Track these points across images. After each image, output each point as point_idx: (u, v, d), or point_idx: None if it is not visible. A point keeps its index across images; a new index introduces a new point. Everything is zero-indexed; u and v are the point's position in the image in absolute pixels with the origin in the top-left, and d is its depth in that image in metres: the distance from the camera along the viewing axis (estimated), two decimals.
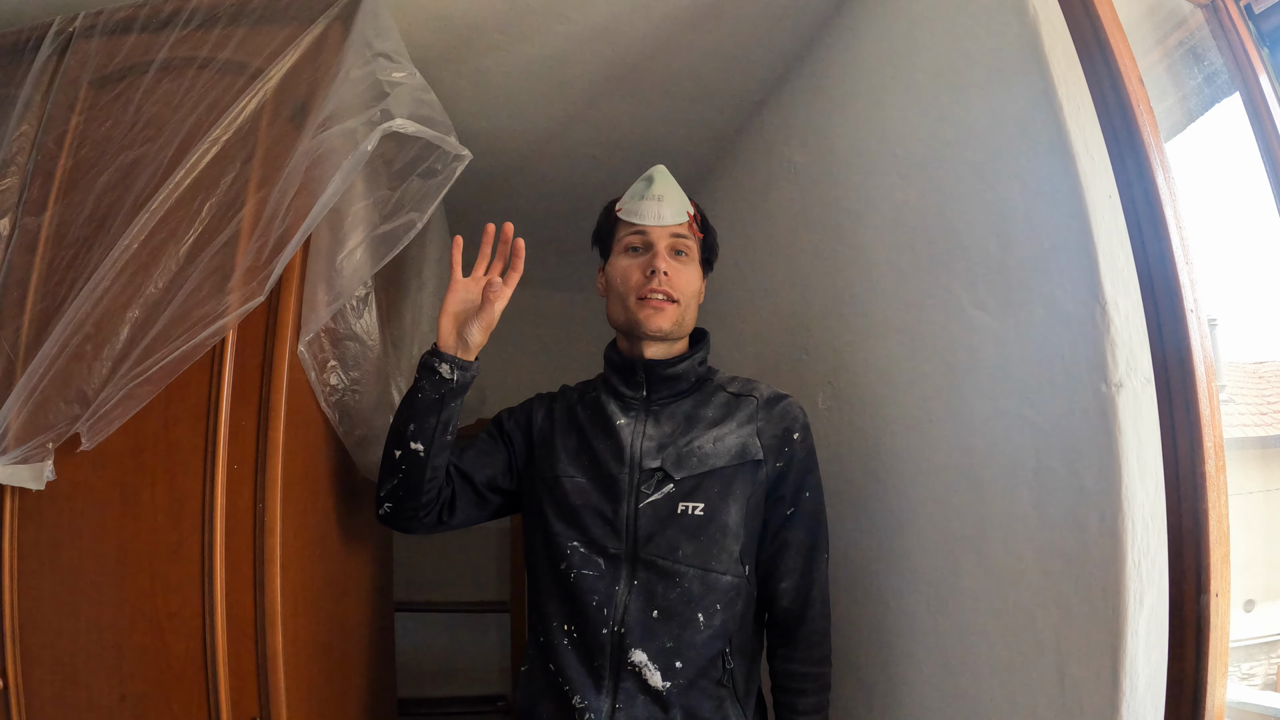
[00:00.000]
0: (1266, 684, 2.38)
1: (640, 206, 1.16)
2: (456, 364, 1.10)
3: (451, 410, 1.11)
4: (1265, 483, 1.98)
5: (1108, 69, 0.85)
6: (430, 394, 1.09)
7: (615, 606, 1.05)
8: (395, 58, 1.17)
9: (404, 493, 1.12)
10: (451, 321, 1.11)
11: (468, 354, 1.11)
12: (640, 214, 1.16)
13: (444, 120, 1.15)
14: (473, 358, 1.12)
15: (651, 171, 1.21)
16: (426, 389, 1.09)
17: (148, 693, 1.03)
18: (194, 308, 1.07)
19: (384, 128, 1.07)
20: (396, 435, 1.11)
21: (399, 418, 1.11)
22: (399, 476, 1.11)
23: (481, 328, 1.11)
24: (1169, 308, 0.78)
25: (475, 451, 1.20)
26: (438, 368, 1.09)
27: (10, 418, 1.05)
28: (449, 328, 1.11)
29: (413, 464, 1.09)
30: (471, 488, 1.18)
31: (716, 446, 1.11)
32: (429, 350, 1.11)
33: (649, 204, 1.16)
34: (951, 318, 1.14)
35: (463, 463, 1.18)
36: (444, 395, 1.09)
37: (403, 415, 1.11)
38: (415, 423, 1.09)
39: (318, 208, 1.08)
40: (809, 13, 1.50)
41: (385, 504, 1.14)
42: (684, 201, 1.19)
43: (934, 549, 1.16)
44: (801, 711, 1.10)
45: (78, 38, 1.26)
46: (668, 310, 1.14)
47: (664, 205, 1.16)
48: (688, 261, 1.18)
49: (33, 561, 1.06)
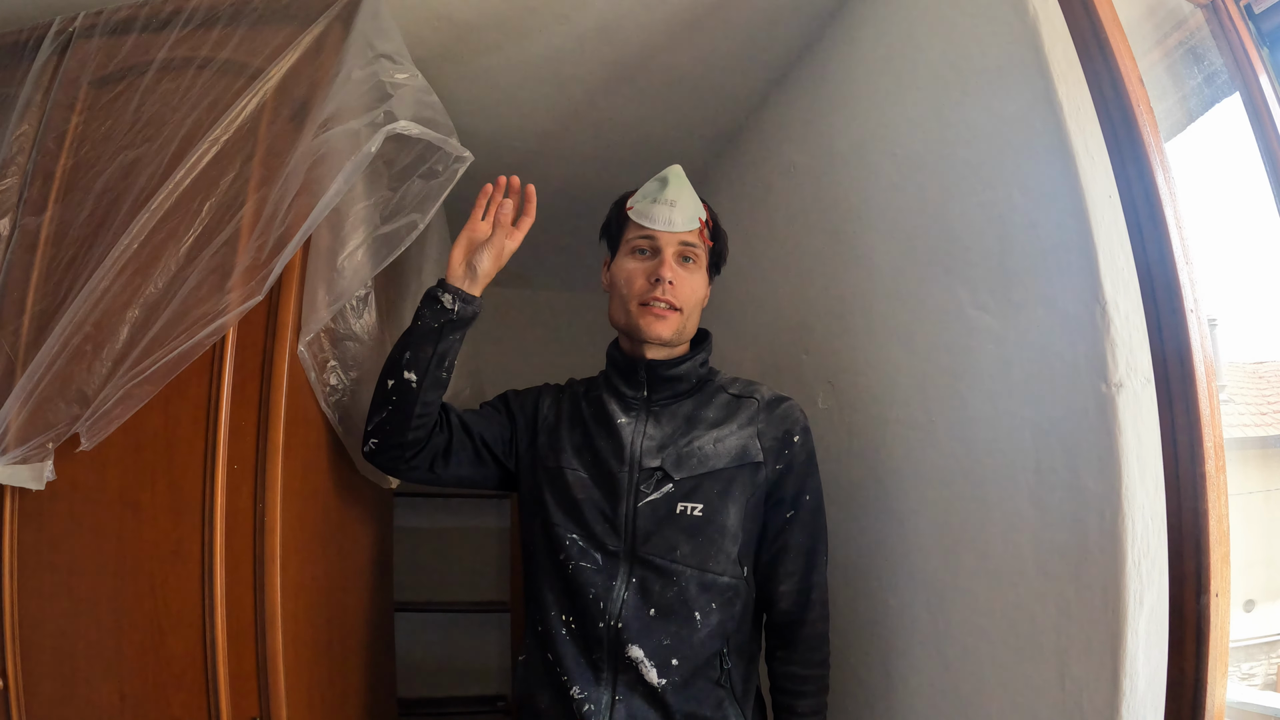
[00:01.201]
0: (1266, 684, 2.38)
1: (652, 209, 1.14)
2: (460, 295, 1.09)
3: (449, 343, 1.10)
4: (1265, 483, 1.98)
5: (1108, 69, 0.85)
6: (429, 322, 1.08)
7: (613, 602, 1.05)
8: (397, 59, 1.17)
9: (391, 426, 1.09)
10: (462, 252, 1.10)
11: (474, 286, 1.10)
12: (651, 217, 1.14)
13: (446, 122, 1.15)
14: (478, 291, 1.11)
15: (667, 172, 1.18)
16: (426, 316, 1.08)
17: (148, 693, 1.03)
18: (193, 307, 1.07)
19: (387, 130, 1.08)
20: (390, 364, 1.10)
21: (396, 347, 1.10)
22: (389, 408, 1.09)
23: (492, 255, 1.10)
24: (1169, 308, 0.78)
25: (478, 414, 1.19)
26: (440, 297, 1.08)
27: (10, 418, 1.05)
28: (459, 257, 1.10)
29: (404, 394, 1.08)
30: (472, 442, 1.16)
31: (717, 448, 1.11)
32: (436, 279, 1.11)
33: (661, 208, 1.14)
34: (951, 318, 1.14)
35: (465, 416, 1.17)
36: (443, 326, 1.08)
37: (400, 345, 1.10)
38: (411, 350, 1.08)
39: (319, 208, 1.08)
40: (809, 13, 1.50)
41: (372, 439, 1.12)
42: (697, 207, 1.16)
43: (934, 549, 1.16)
44: (800, 713, 1.10)
45: (78, 38, 1.26)
46: (669, 319, 1.13)
47: (676, 211, 1.14)
48: (694, 269, 1.16)
49: (33, 561, 1.06)
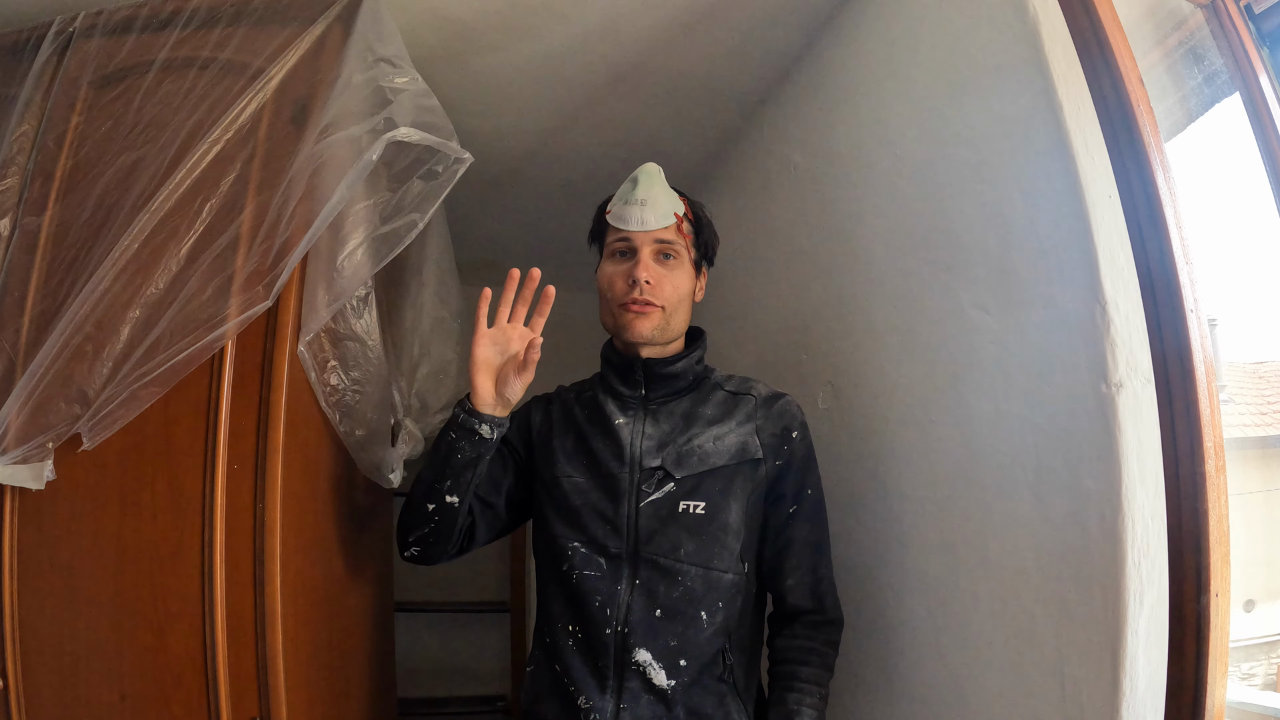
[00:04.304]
0: (1266, 684, 2.38)
1: (625, 211, 1.14)
2: (495, 423, 1.08)
3: (485, 461, 1.10)
4: (1265, 483, 1.98)
5: (1108, 69, 0.85)
6: (469, 454, 1.07)
7: (618, 606, 1.05)
8: (397, 62, 1.17)
9: (435, 539, 1.11)
10: (487, 378, 1.07)
11: (505, 410, 1.09)
12: (624, 219, 1.13)
13: (446, 125, 1.15)
14: (507, 411, 1.10)
15: (637, 173, 1.17)
16: (465, 449, 1.07)
17: (148, 693, 1.03)
18: (197, 310, 1.07)
19: (388, 136, 1.08)
20: (428, 489, 1.09)
21: (432, 472, 1.09)
22: (431, 525, 1.10)
23: (523, 385, 1.08)
24: (1169, 308, 0.78)
25: (487, 476, 1.18)
26: (477, 429, 1.07)
27: (10, 417, 1.05)
28: (486, 386, 1.07)
29: (446, 514, 1.09)
30: (491, 512, 1.18)
31: (716, 445, 1.11)
32: (464, 407, 1.08)
33: (633, 209, 1.13)
34: (951, 318, 1.14)
35: (480, 489, 1.16)
36: (482, 453, 1.08)
37: (437, 471, 1.08)
38: (452, 479, 1.08)
39: (323, 215, 1.08)
40: (809, 13, 1.50)
41: (413, 548, 1.13)
42: (671, 202, 1.15)
43: (934, 549, 1.16)
44: (803, 680, 1.07)
45: (78, 38, 1.26)
46: (651, 315, 1.12)
47: (647, 210, 1.13)
48: (675, 265, 1.14)
49: (33, 561, 1.06)
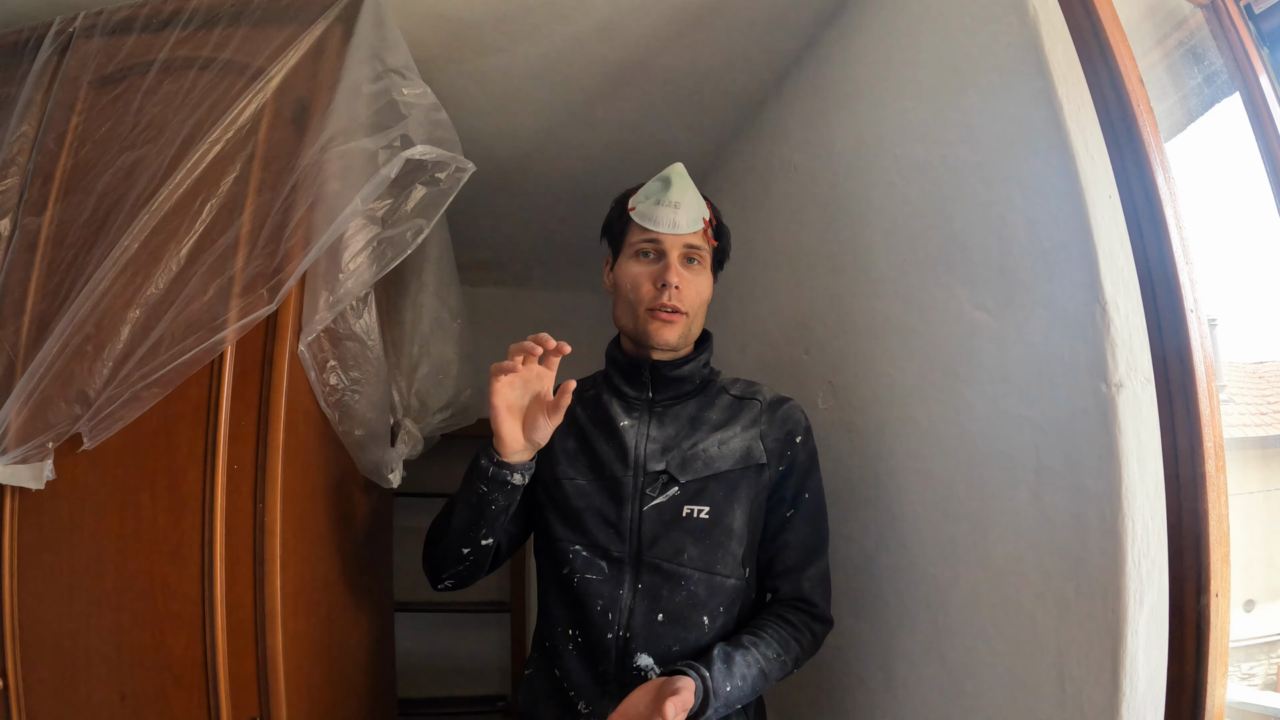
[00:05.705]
0: (1266, 684, 2.38)
1: (656, 212, 1.11)
2: (526, 470, 1.05)
3: (517, 503, 1.09)
4: (1265, 483, 1.97)
5: (1108, 69, 0.85)
6: (503, 503, 1.05)
7: (620, 611, 1.05)
8: (406, 73, 1.19)
9: (470, 572, 1.12)
10: (514, 424, 1.02)
11: (532, 454, 1.06)
12: (655, 220, 1.11)
13: (454, 138, 1.16)
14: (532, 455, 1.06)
15: (669, 172, 1.15)
16: (499, 500, 1.04)
17: (148, 693, 1.03)
18: (199, 312, 1.08)
19: (406, 154, 1.09)
20: (462, 537, 1.07)
21: (464, 521, 1.06)
22: (466, 564, 1.10)
23: (551, 428, 1.04)
24: (1169, 308, 0.78)
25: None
26: (509, 479, 1.03)
27: (10, 417, 1.05)
28: (514, 433, 1.02)
29: (480, 553, 1.09)
30: (515, 529, 1.18)
31: (721, 450, 1.11)
32: (492, 459, 1.03)
33: (665, 210, 1.11)
34: (951, 318, 1.14)
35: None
36: (516, 499, 1.06)
37: (470, 521, 1.06)
38: (487, 527, 1.06)
39: (335, 225, 1.08)
40: (809, 13, 1.50)
41: (447, 581, 1.13)
42: (701, 207, 1.14)
43: (934, 549, 1.16)
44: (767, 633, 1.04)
45: (78, 38, 1.26)
46: (677, 323, 1.11)
47: (680, 212, 1.11)
48: (699, 270, 1.13)
49: (33, 561, 1.06)
